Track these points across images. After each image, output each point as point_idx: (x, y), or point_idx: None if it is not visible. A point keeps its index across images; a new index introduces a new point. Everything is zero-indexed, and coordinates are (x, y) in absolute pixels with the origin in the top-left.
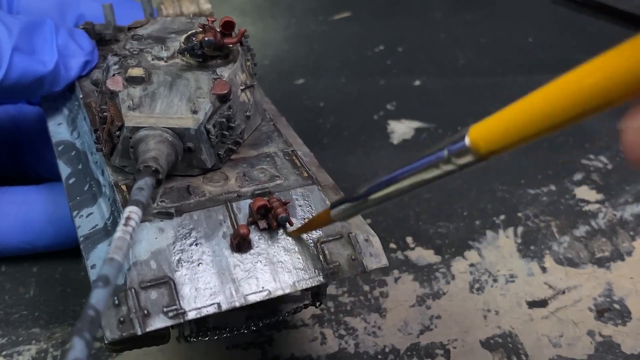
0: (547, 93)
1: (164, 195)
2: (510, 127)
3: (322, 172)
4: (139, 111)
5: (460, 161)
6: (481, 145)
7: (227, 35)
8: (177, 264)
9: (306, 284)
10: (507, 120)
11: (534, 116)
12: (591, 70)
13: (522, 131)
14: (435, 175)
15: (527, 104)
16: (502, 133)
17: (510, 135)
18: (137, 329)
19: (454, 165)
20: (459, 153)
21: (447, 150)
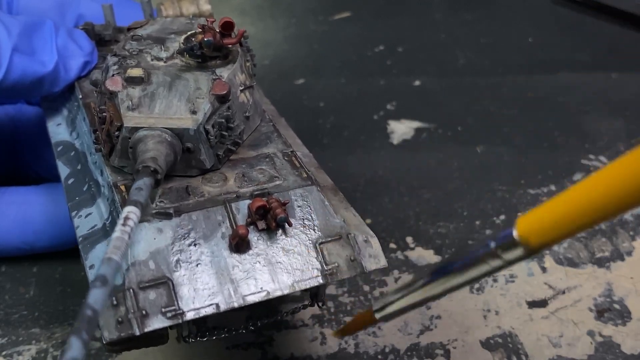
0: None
1: (163, 196)
2: (562, 219)
3: (321, 172)
4: (138, 111)
5: (508, 256)
6: (531, 239)
7: (226, 36)
8: (176, 265)
9: (305, 285)
10: (558, 212)
11: (585, 207)
12: None
13: (575, 223)
14: (484, 272)
15: (576, 194)
16: (553, 225)
17: (562, 227)
18: (135, 330)
19: (503, 260)
20: (507, 247)
21: (495, 243)
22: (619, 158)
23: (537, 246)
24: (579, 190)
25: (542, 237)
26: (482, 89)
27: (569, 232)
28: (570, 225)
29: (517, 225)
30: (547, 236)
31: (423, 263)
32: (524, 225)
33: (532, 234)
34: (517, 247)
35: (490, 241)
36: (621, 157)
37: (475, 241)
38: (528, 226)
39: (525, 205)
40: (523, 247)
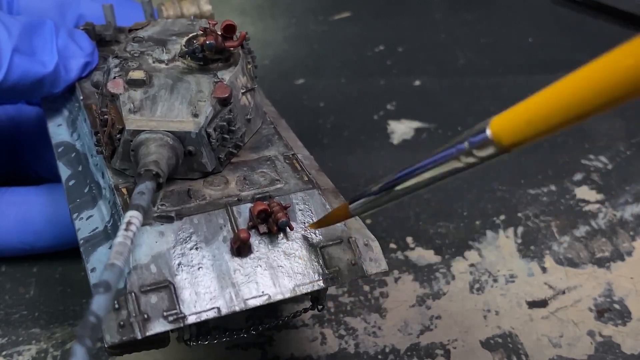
0: (574, 81)
1: (165, 199)
2: (534, 118)
3: (322, 175)
4: (140, 114)
5: (481, 153)
6: (503, 137)
7: (228, 39)
8: (177, 268)
9: (306, 289)
10: (530, 111)
11: (558, 105)
12: (620, 56)
13: (546, 121)
14: (455, 168)
15: (551, 93)
16: (525, 124)
17: (534, 126)
18: (137, 333)
19: (475, 157)
20: (480, 145)
21: (468, 142)
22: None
23: (508, 145)
24: (552, 90)
25: (513, 135)
26: (482, 89)
27: (539, 132)
28: (541, 125)
29: (490, 125)
30: (518, 135)
31: (423, 263)
32: (496, 124)
33: (504, 132)
34: (490, 145)
35: (465, 142)
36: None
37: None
38: (501, 125)
39: (525, 205)
40: (495, 145)
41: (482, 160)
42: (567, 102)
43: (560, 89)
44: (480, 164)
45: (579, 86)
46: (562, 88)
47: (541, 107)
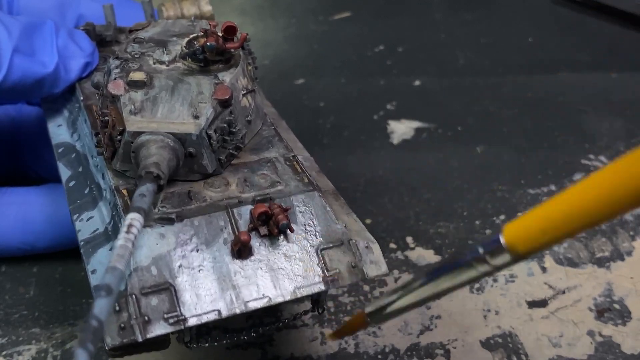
0: (589, 188)
1: (165, 201)
2: (549, 226)
3: (322, 177)
4: (141, 116)
5: (496, 262)
6: (519, 245)
7: (229, 40)
8: (178, 270)
9: (306, 291)
10: (546, 219)
11: (575, 213)
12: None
13: (562, 229)
14: (471, 277)
15: (566, 200)
16: (541, 233)
17: (550, 234)
18: (137, 336)
19: (490, 266)
20: (495, 253)
21: (483, 249)
22: (603, 167)
23: (524, 253)
24: (565, 197)
25: (528, 243)
26: (482, 89)
27: (555, 240)
28: (556, 233)
29: (504, 232)
30: (533, 243)
31: (423, 263)
32: (511, 232)
33: (519, 240)
34: (505, 253)
35: (479, 247)
36: (606, 165)
37: (474, 241)
38: (515, 233)
39: (525, 205)
40: (510, 253)
41: (496, 269)
42: (584, 209)
43: (575, 195)
44: (493, 272)
45: (595, 192)
46: (577, 194)
47: (557, 215)
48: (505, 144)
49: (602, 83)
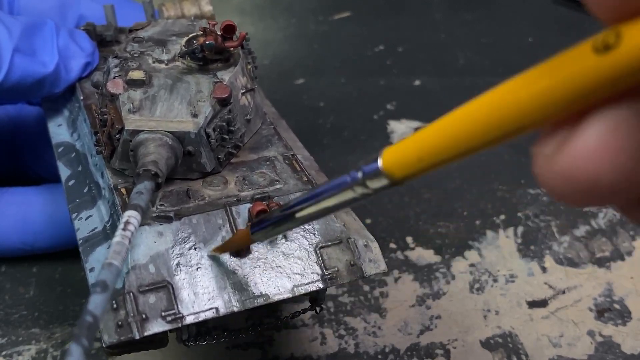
0: (460, 116)
1: (163, 199)
2: (424, 152)
3: (321, 176)
4: (139, 114)
5: (374, 185)
6: (395, 170)
7: (228, 39)
8: (176, 268)
9: (305, 289)
10: (421, 145)
11: (446, 140)
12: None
13: (435, 156)
14: (351, 198)
15: (439, 127)
16: (416, 157)
17: (424, 160)
18: (135, 333)
19: (369, 189)
20: (373, 176)
21: (362, 172)
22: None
23: (401, 178)
24: (440, 124)
25: (405, 169)
26: (482, 89)
27: (431, 166)
28: (431, 159)
29: (382, 156)
30: (410, 169)
31: (423, 263)
32: (388, 157)
33: (396, 165)
34: (382, 177)
35: (358, 172)
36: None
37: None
38: (393, 158)
39: (525, 205)
40: (387, 178)
41: (375, 191)
42: (458, 137)
43: (450, 122)
44: (373, 194)
45: (468, 120)
46: (451, 121)
47: (432, 141)
48: (505, 144)
49: None
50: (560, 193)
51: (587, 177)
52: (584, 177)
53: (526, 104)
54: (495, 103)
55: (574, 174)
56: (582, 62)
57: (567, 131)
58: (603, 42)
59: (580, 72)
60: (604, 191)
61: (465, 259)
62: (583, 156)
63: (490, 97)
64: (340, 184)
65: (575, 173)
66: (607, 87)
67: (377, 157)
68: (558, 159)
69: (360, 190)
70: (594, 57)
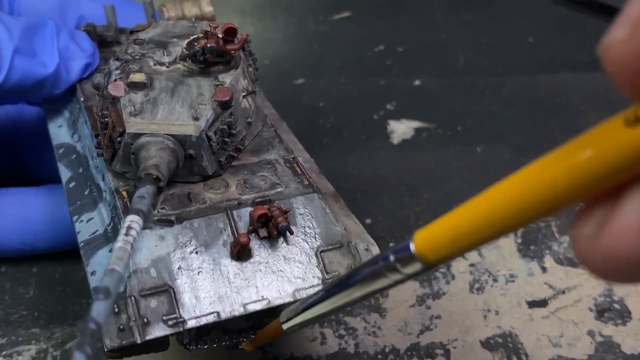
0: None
1: (165, 202)
2: (458, 234)
3: (322, 179)
4: (141, 117)
5: (407, 270)
6: (428, 254)
7: (229, 42)
8: (177, 272)
9: (306, 293)
10: (453, 226)
11: (481, 221)
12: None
13: (470, 238)
14: (384, 285)
15: (473, 208)
16: (450, 240)
17: (458, 242)
18: (136, 337)
19: (402, 274)
20: (406, 261)
21: (394, 257)
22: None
23: (434, 261)
24: (473, 204)
25: (438, 252)
26: (482, 89)
27: (465, 248)
28: (466, 242)
29: (414, 240)
30: (443, 252)
31: None
32: (421, 240)
33: (429, 249)
34: (415, 261)
35: (390, 254)
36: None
37: None
38: (425, 241)
39: None
40: (421, 262)
41: (408, 276)
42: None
43: (483, 202)
44: (406, 279)
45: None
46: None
47: (466, 223)
48: (505, 144)
49: (602, 83)
50: (605, 273)
51: (632, 255)
52: (630, 255)
53: (562, 180)
54: (530, 181)
55: (618, 254)
56: (616, 135)
57: (606, 209)
58: (635, 115)
59: (614, 146)
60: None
61: (465, 258)
62: (627, 234)
63: (524, 175)
64: (372, 270)
65: (620, 252)
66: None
67: (409, 241)
68: (600, 239)
69: (393, 277)
70: (626, 130)
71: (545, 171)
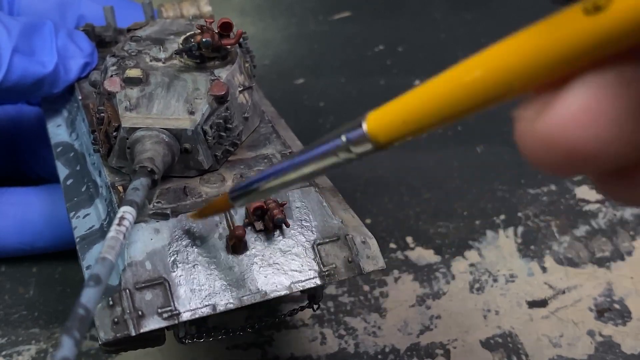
0: (447, 78)
1: (160, 196)
2: (409, 115)
3: None
4: (136, 112)
5: (358, 150)
6: (380, 134)
7: (225, 37)
8: (173, 265)
9: (302, 286)
10: (405, 107)
11: (432, 103)
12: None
13: (420, 119)
14: (334, 163)
15: (425, 90)
16: (401, 120)
17: (409, 123)
18: (131, 330)
19: (353, 154)
20: (357, 141)
21: (345, 137)
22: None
23: (385, 142)
24: (425, 88)
25: (390, 133)
26: None
27: (416, 131)
28: (416, 124)
29: (367, 120)
30: (394, 133)
31: (423, 263)
32: (373, 121)
33: (380, 129)
34: (367, 142)
35: (342, 135)
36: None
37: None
38: (377, 122)
39: (525, 205)
40: (372, 142)
41: (359, 156)
42: (442, 99)
43: (435, 84)
44: (357, 159)
45: (453, 82)
46: (437, 83)
47: (417, 105)
48: (505, 144)
49: None
50: (540, 159)
51: (566, 142)
52: (564, 143)
53: (514, 65)
54: (483, 65)
55: (554, 139)
56: (572, 24)
57: (550, 95)
58: (593, 3)
59: (569, 33)
60: (582, 158)
61: (465, 258)
62: (564, 121)
63: (478, 59)
64: (323, 149)
65: (556, 138)
66: (595, 48)
67: (362, 122)
68: (539, 123)
69: (343, 155)
70: (584, 19)
71: (499, 55)
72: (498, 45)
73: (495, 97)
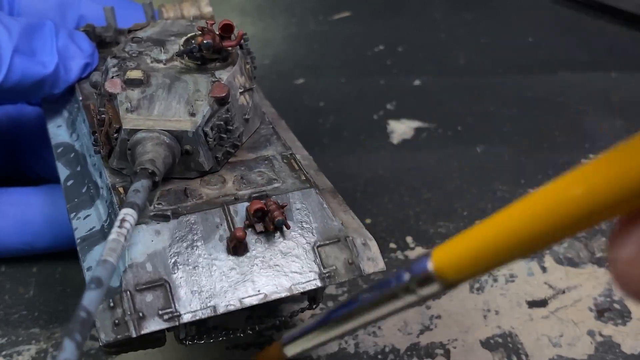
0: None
1: (161, 198)
2: (480, 252)
3: (320, 175)
4: (137, 113)
5: (424, 291)
6: (448, 273)
7: (226, 38)
8: (173, 267)
9: (302, 288)
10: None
11: (506, 238)
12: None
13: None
14: (396, 308)
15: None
16: (471, 258)
17: (480, 261)
18: (132, 332)
19: (417, 295)
20: (422, 280)
21: (409, 274)
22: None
23: (454, 281)
24: (497, 221)
25: (460, 271)
26: (482, 89)
27: (489, 268)
28: (489, 261)
29: (432, 258)
30: (465, 271)
31: None
32: (440, 258)
33: (449, 267)
34: (433, 281)
35: (404, 272)
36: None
37: None
38: (445, 259)
39: None
40: (439, 281)
41: (423, 299)
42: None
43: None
44: (419, 303)
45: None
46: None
47: (489, 241)
48: (505, 144)
49: (602, 83)
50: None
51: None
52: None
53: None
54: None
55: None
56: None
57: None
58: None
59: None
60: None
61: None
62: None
63: (554, 188)
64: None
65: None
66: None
67: (426, 259)
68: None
69: (408, 299)
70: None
71: (575, 186)
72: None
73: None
